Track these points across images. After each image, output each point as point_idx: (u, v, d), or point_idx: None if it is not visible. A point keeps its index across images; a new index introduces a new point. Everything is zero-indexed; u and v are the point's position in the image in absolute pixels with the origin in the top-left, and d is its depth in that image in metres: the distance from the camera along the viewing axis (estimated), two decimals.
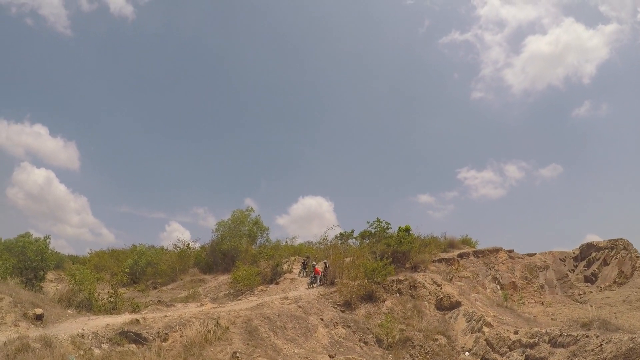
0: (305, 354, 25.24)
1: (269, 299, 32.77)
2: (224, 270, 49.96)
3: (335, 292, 35.82)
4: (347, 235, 48.84)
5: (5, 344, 16.44)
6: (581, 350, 22.45)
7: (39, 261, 34.03)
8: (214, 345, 23.32)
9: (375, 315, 32.94)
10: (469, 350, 29.61)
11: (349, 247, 45.67)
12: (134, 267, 51.67)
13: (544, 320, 38.04)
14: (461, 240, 54.58)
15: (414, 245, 42.87)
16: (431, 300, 35.42)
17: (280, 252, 50.84)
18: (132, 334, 21.82)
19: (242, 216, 57.61)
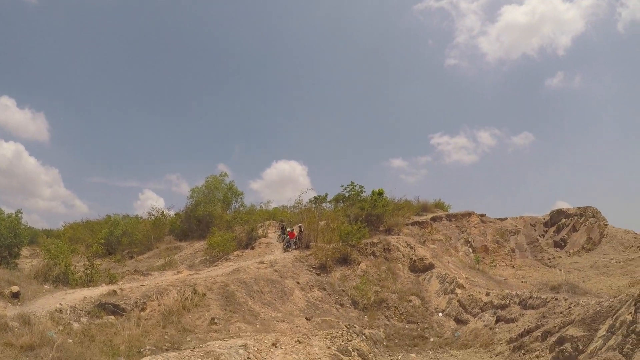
0: (283, 317, 25.55)
1: (245, 264, 32.84)
2: (200, 236, 49.70)
3: (310, 255, 35.99)
4: (322, 199, 49.08)
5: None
6: (550, 312, 22.96)
7: (12, 237, 33.30)
8: (192, 312, 23.44)
9: (350, 278, 33.28)
10: (442, 311, 30.15)
11: (324, 211, 45.92)
12: (109, 238, 51.00)
13: (515, 282, 38.82)
14: (434, 204, 54.94)
15: (388, 209, 43.17)
16: (405, 263, 35.81)
17: (254, 217, 50.67)
18: (110, 305, 21.79)
19: (216, 182, 57.17)
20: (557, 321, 21.32)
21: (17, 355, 13.56)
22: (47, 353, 13.73)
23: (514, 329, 24.09)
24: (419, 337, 27.66)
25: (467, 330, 27.51)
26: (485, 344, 24.60)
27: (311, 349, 19.20)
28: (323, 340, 20.20)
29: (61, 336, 17.15)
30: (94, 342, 18.20)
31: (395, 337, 27.60)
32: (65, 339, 16.97)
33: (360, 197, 44.86)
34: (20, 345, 14.10)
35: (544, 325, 21.70)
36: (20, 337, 14.57)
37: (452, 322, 28.92)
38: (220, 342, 17.81)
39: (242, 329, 22.22)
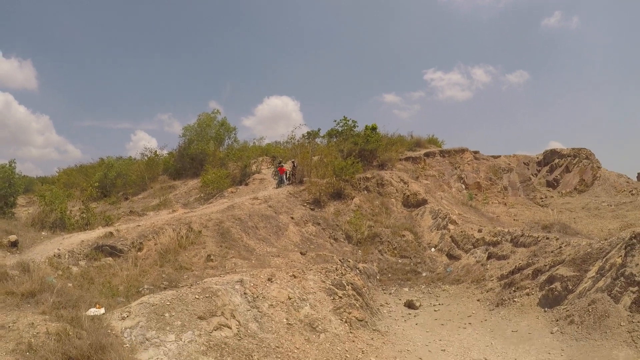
0: (278, 252, 25.81)
1: (239, 201, 32.92)
2: (193, 175, 49.58)
3: (304, 190, 36.15)
4: (314, 134, 49.01)
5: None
6: (541, 250, 23.26)
7: (7, 188, 33.08)
8: (188, 250, 23.62)
9: (344, 213, 33.49)
10: (434, 246, 30.59)
11: (317, 146, 45.72)
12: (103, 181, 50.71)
13: (507, 220, 39.28)
14: (428, 140, 54.86)
15: (381, 144, 43.12)
16: (398, 198, 36.07)
17: (248, 153, 50.48)
18: (107, 247, 21.94)
19: (208, 119, 56.44)
20: (547, 260, 21.63)
21: (18, 303, 13.71)
22: (47, 298, 13.89)
23: (505, 266, 24.47)
24: (411, 271, 28.12)
25: (459, 265, 27.95)
26: (477, 279, 25.02)
27: (306, 283, 19.48)
28: (318, 275, 20.47)
29: (61, 281, 17.34)
30: (93, 285, 18.39)
31: (389, 272, 28.03)
32: (65, 283, 17.17)
33: (353, 132, 44.70)
34: (21, 292, 14.22)
35: (535, 264, 22.03)
36: (20, 285, 14.68)
37: (445, 258, 29.38)
38: (216, 279, 18.03)
39: (238, 265, 22.41)
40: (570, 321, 17.56)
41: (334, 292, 19.46)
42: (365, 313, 19.48)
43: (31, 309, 13.24)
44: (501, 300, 21.47)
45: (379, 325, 19.56)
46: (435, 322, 21.03)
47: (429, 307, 23.21)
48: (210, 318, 14.76)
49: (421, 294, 25.27)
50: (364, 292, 20.96)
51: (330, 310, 18.38)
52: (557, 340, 17.13)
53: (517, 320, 19.50)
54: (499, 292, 22.26)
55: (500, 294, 22.04)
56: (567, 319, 17.78)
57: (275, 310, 17.00)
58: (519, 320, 19.41)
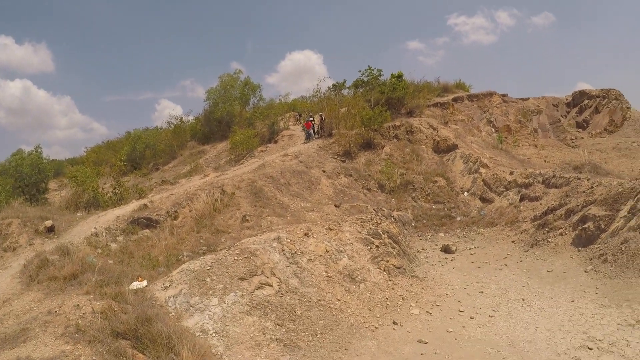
0: (312, 207, 26.05)
1: (269, 159, 33.10)
2: (222, 137, 49.68)
3: (333, 143, 36.07)
4: (340, 86, 48.64)
5: (25, 266, 16.64)
6: (573, 191, 23.16)
7: (37, 174, 33.24)
8: (223, 213, 23.93)
9: (375, 162, 33.47)
10: (467, 190, 30.57)
11: (343, 98, 45.42)
12: (132, 154, 51.14)
13: (538, 162, 38.89)
14: (455, 85, 53.72)
15: (408, 91, 42.43)
16: (428, 144, 35.80)
17: (274, 111, 50.39)
18: (143, 219, 22.38)
19: (231, 80, 56.30)
20: (579, 200, 21.57)
21: (62, 287, 14.13)
22: (90, 278, 14.26)
23: (538, 207, 24.45)
24: (446, 216, 28.28)
25: (492, 208, 28.00)
26: (511, 221, 25.06)
27: (342, 234, 19.74)
28: (353, 226, 20.71)
29: (101, 259, 17.78)
30: (133, 258, 18.87)
31: (423, 218, 28.20)
32: (106, 261, 17.61)
33: (379, 81, 44.01)
34: (64, 276, 14.63)
35: (567, 204, 21.99)
36: (62, 269, 15.04)
37: (478, 201, 29.39)
38: (254, 238, 18.36)
39: (274, 223, 22.66)
40: (604, 260, 17.62)
41: (371, 241, 19.70)
42: (402, 260, 19.72)
43: (75, 291, 13.65)
44: (535, 241, 21.55)
45: (417, 272, 19.83)
46: (472, 265, 21.25)
47: (465, 250, 23.40)
48: (250, 278, 15.10)
49: (457, 239, 25.45)
50: (400, 240, 21.19)
51: (368, 260, 18.66)
52: (591, 278, 17.22)
53: (552, 260, 19.60)
54: (533, 233, 22.31)
55: (534, 235, 22.10)
56: (601, 258, 17.84)
57: (314, 264, 17.30)
58: (553, 260, 19.51)
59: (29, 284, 15.22)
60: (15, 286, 15.53)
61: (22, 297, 14.23)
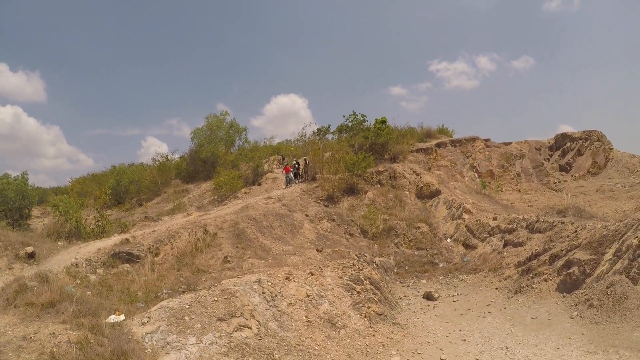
0: (294, 250, 25.89)
1: (253, 201, 32.95)
2: (206, 177, 49.80)
3: (317, 187, 36.10)
4: (325, 131, 48.94)
5: (3, 289, 16.49)
6: (557, 235, 23.15)
7: (21, 200, 33.39)
8: (204, 253, 23.74)
9: (358, 207, 33.44)
10: (450, 236, 30.56)
11: (328, 142, 45.70)
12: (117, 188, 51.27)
13: (521, 207, 39.09)
14: (438, 130, 54.68)
15: (392, 137, 42.83)
16: (412, 190, 35.96)
17: (259, 153, 50.73)
18: (124, 254, 22.12)
19: (217, 121, 56.69)
20: (564, 245, 21.54)
21: (38, 314, 13.86)
22: (67, 307, 14.02)
23: (522, 252, 24.40)
24: (428, 263, 28.13)
25: (475, 255, 27.94)
26: (494, 268, 24.97)
27: (324, 279, 19.53)
28: (335, 271, 20.51)
29: (80, 289, 17.51)
30: (112, 292, 18.56)
31: (406, 264, 28.05)
32: (84, 292, 17.32)
33: (363, 127, 44.42)
34: (41, 303, 14.35)
35: (552, 249, 21.95)
36: (40, 296, 14.81)
37: (461, 247, 29.35)
38: (234, 280, 18.13)
39: (255, 265, 22.50)
40: (590, 305, 17.49)
41: (352, 287, 19.49)
42: (384, 307, 19.50)
43: (52, 319, 13.37)
44: (519, 287, 21.42)
45: (399, 318, 19.58)
46: (455, 312, 21.00)
47: (448, 297, 23.18)
48: (230, 319, 14.83)
49: (439, 285, 25.26)
50: (382, 286, 20.99)
51: (349, 306, 18.42)
52: (577, 324, 17.07)
53: (536, 306, 19.45)
54: (517, 280, 22.20)
55: (518, 281, 21.99)
56: (586, 303, 17.72)
57: (294, 309, 17.06)
58: (538, 307, 19.36)
59: (5, 308, 14.88)
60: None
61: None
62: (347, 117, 45.44)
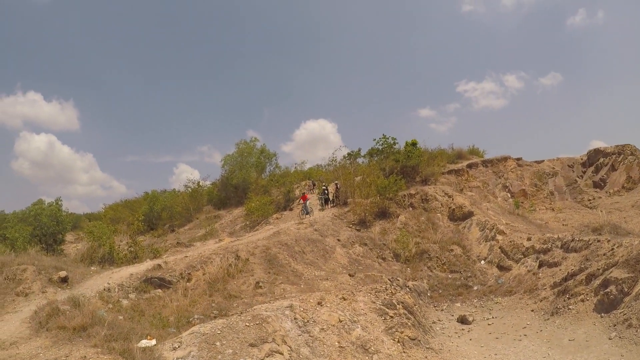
0: (326, 275, 25.69)
1: (284, 226, 32.99)
2: (238, 203, 50.20)
3: (349, 211, 35.98)
4: (355, 155, 48.93)
5: (36, 312, 16.84)
6: (593, 254, 22.64)
7: (55, 225, 34.22)
8: (236, 278, 23.76)
9: (390, 231, 33.20)
10: (484, 258, 30.10)
11: (358, 166, 45.70)
12: (149, 214, 52.00)
13: (556, 226, 38.46)
14: (469, 151, 54.17)
15: (423, 159, 42.53)
16: (444, 212, 35.60)
17: (290, 179, 50.86)
18: (156, 279, 22.25)
19: (247, 147, 57.36)
20: (600, 264, 21.09)
21: (70, 337, 14.01)
22: (99, 332, 14.14)
23: (558, 273, 23.91)
24: (462, 286, 27.69)
25: (510, 276, 27.44)
26: (529, 289, 24.50)
27: (356, 304, 19.34)
28: (367, 296, 20.31)
29: (111, 314, 17.64)
30: (143, 317, 18.66)
31: (439, 288, 27.68)
32: (116, 316, 17.44)
33: (393, 149, 44.32)
34: (73, 326, 14.54)
35: (588, 269, 21.50)
36: (72, 319, 15.00)
37: (495, 269, 28.87)
38: (266, 305, 18.06)
39: (287, 290, 22.42)
40: (629, 325, 17.05)
41: (385, 312, 19.27)
42: (417, 331, 19.23)
43: (83, 343, 13.48)
44: (556, 308, 20.99)
45: (432, 343, 19.28)
46: (490, 336, 20.63)
47: (483, 321, 22.78)
48: (261, 345, 14.73)
49: (474, 309, 24.85)
50: (415, 310, 20.72)
51: (382, 331, 18.20)
52: (615, 345, 16.64)
53: (574, 328, 19.03)
54: (553, 301, 21.76)
55: (555, 302, 21.54)
56: (625, 323, 17.28)
57: (327, 334, 16.90)
58: (575, 328, 18.95)
59: (37, 330, 15.15)
60: (24, 330, 15.45)
61: (30, 342, 14.09)
62: (377, 141, 45.39)
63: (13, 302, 20.55)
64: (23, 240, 31.76)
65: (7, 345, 13.95)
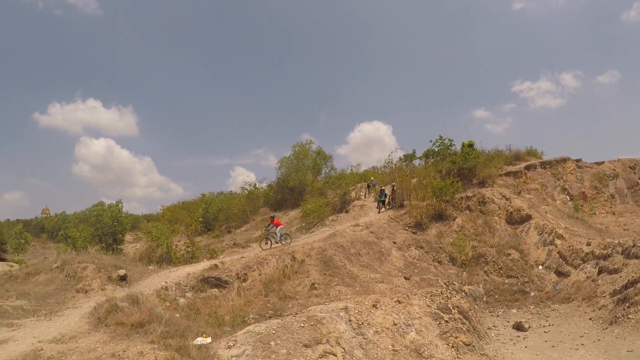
0: (381, 278, 25.66)
1: (340, 228, 33.11)
2: (294, 205, 50.74)
3: (405, 214, 35.87)
4: (411, 156, 48.65)
5: (95, 308, 17.46)
6: None
7: (115, 225, 35.33)
8: (292, 279, 24.00)
9: (446, 234, 33.00)
10: (542, 263, 29.50)
11: (414, 168, 45.47)
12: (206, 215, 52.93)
13: (616, 230, 37.40)
14: (526, 152, 53.05)
15: (480, 160, 41.93)
16: (501, 215, 35.04)
17: (346, 181, 50.97)
18: (212, 279, 22.65)
19: (303, 150, 57.99)
20: None
21: (128, 333, 14.48)
22: (156, 328, 14.59)
23: (618, 280, 23.34)
24: (519, 291, 27.28)
25: (568, 283, 26.90)
26: (588, 297, 24.01)
27: (411, 308, 19.32)
28: (423, 299, 20.27)
29: (168, 312, 18.13)
30: (199, 315, 19.08)
31: (495, 293, 27.34)
32: (173, 314, 17.90)
33: (450, 151, 43.94)
34: (131, 323, 15.06)
35: None
36: (130, 316, 15.51)
37: (553, 275, 28.30)
38: (321, 307, 18.20)
39: (342, 292, 22.48)
40: None
41: (440, 316, 19.19)
42: (472, 337, 19.10)
43: (140, 339, 13.91)
44: (615, 317, 20.54)
45: (487, 350, 19.14)
46: (546, 344, 20.35)
47: (539, 328, 22.46)
48: (315, 346, 14.85)
49: (530, 315, 24.51)
50: (471, 316, 20.60)
51: (436, 335, 18.13)
52: None
53: (633, 338, 18.61)
54: (612, 309, 21.29)
55: (614, 310, 21.08)
56: None
57: (381, 337, 16.93)
58: (634, 339, 18.53)
59: (96, 326, 15.69)
60: (83, 325, 16.05)
61: (89, 337, 14.60)
62: (433, 142, 45.05)
63: (73, 298, 21.36)
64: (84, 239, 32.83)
65: (66, 339, 14.47)
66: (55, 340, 14.49)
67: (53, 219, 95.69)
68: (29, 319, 18.53)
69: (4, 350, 13.90)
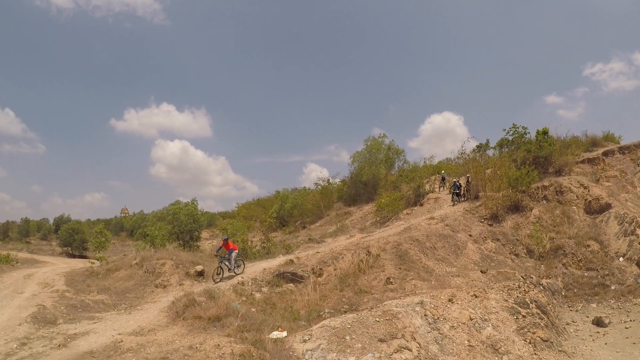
0: (457, 272, 25.53)
1: (415, 222, 33.07)
2: (367, 199, 50.80)
3: (480, 206, 35.44)
4: (484, 147, 48.01)
5: (173, 302, 18.21)
6: None
7: (192, 223, 36.43)
8: (367, 274, 24.17)
9: (523, 226, 32.33)
10: (623, 255, 28.43)
11: (488, 158, 44.89)
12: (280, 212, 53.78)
13: None
14: (603, 137, 50.59)
15: (555, 148, 40.66)
16: (579, 205, 33.99)
17: (419, 174, 50.53)
18: (288, 274, 23.10)
19: (376, 144, 57.83)
20: None
21: (205, 326, 14.99)
22: (232, 322, 15.06)
23: None
24: (599, 285, 26.46)
25: None
26: None
27: (488, 302, 19.15)
28: (499, 293, 20.07)
29: (245, 306, 18.68)
30: (275, 309, 19.58)
31: (574, 286, 26.66)
32: (249, 308, 18.39)
33: (524, 139, 43.02)
34: (208, 317, 15.64)
35: None
36: (207, 310, 16.11)
37: (635, 268, 27.30)
38: (396, 301, 18.28)
39: (418, 287, 22.49)
40: None
41: (517, 311, 18.97)
42: (550, 333, 18.79)
43: (217, 332, 14.39)
44: None
45: (565, 346, 18.78)
46: (627, 340, 19.74)
47: (620, 324, 21.78)
48: (390, 340, 14.93)
49: (610, 310, 23.76)
50: (549, 310, 20.25)
51: (513, 331, 17.93)
52: None
53: None
54: None
55: None
56: None
57: (456, 332, 16.86)
58: None
59: (174, 319, 16.29)
60: (161, 319, 16.75)
61: (167, 330, 15.16)
62: (507, 131, 44.22)
63: (152, 293, 22.24)
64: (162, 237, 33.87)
65: (145, 332, 15.11)
66: (135, 333, 15.15)
67: (132, 217, 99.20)
68: (109, 312, 19.43)
69: (86, 341, 14.63)
